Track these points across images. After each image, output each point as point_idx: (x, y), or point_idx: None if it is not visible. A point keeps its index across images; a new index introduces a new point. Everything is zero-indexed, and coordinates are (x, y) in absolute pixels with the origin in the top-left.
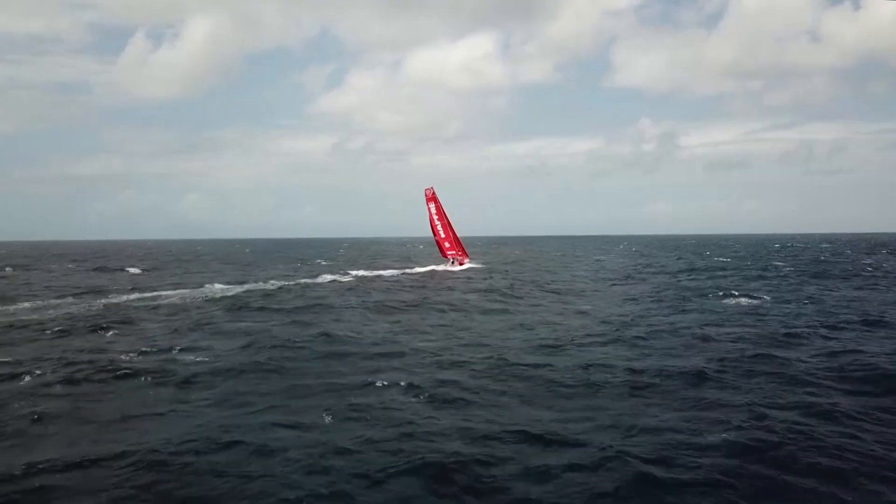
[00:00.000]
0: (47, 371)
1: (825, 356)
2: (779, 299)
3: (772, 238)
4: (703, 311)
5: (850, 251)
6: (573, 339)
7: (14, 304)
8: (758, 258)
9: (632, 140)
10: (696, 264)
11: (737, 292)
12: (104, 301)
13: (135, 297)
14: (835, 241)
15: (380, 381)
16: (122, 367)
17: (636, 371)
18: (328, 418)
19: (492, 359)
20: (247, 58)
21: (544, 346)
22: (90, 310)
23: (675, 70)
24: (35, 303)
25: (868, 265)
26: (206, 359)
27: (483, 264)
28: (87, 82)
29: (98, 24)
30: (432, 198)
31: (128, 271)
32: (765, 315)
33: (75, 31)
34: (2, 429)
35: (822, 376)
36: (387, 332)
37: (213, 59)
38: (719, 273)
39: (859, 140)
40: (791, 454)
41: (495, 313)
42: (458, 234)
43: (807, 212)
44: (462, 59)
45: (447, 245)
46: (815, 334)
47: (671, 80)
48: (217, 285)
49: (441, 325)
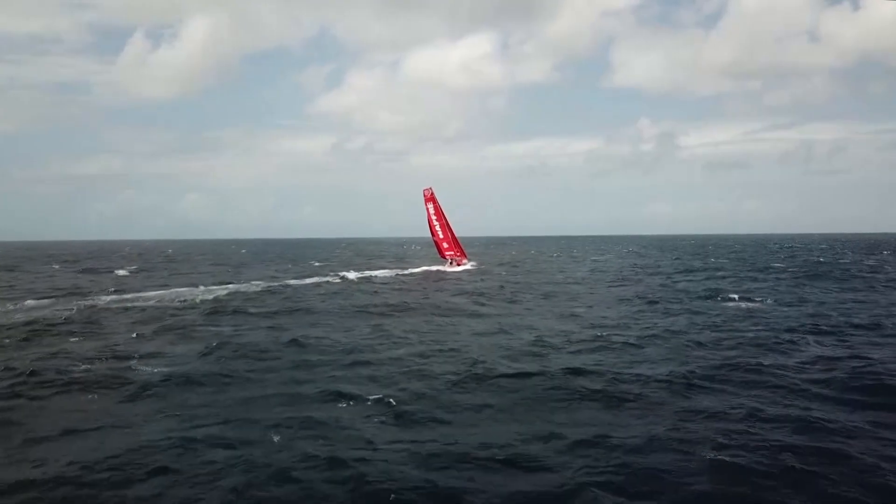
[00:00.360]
0: None
1: (821, 363)
2: (777, 302)
3: (771, 238)
4: (697, 315)
5: (850, 252)
6: (558, 345)
7: None
8: (757, 259)
9: (631, 140)
10: (693, 265)
11: (734, 295)
12: (80, 304)
13: (112, 299)
14: (834, 241)
15: (344, 394)
16: (74, 377)
17: (621, 381)
18: (276, 437)
19: (470, 369)
20: (246, 58)
21: (527, 353)
22: (61, 313)
23: (674, 70)
24: (6, 307)
25: (869, 266)
26: (164, 368)
27: (479, 265)
28: (86, 82)
29: (98, 25)
30: (431, 198)
31: (115, 273)
32: (761, 319)
33: (75, 31)
34: None
35: (817, 386)
36: (364, 338)
37: (213, 59)
38: (718, 274)
39: (859, 140)
40: (781, 475)
41: (482, 318)
42: (457, 235)
43: (806, 212)
44: (461, 59)
45: (445, 246)
46: (809, 340)
47: (670, 81)
48: (201, 287)
49: (423, 330)
